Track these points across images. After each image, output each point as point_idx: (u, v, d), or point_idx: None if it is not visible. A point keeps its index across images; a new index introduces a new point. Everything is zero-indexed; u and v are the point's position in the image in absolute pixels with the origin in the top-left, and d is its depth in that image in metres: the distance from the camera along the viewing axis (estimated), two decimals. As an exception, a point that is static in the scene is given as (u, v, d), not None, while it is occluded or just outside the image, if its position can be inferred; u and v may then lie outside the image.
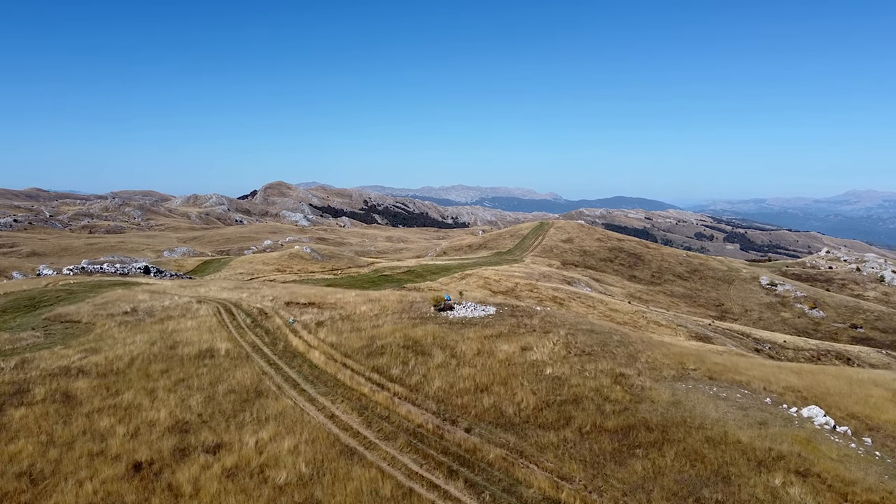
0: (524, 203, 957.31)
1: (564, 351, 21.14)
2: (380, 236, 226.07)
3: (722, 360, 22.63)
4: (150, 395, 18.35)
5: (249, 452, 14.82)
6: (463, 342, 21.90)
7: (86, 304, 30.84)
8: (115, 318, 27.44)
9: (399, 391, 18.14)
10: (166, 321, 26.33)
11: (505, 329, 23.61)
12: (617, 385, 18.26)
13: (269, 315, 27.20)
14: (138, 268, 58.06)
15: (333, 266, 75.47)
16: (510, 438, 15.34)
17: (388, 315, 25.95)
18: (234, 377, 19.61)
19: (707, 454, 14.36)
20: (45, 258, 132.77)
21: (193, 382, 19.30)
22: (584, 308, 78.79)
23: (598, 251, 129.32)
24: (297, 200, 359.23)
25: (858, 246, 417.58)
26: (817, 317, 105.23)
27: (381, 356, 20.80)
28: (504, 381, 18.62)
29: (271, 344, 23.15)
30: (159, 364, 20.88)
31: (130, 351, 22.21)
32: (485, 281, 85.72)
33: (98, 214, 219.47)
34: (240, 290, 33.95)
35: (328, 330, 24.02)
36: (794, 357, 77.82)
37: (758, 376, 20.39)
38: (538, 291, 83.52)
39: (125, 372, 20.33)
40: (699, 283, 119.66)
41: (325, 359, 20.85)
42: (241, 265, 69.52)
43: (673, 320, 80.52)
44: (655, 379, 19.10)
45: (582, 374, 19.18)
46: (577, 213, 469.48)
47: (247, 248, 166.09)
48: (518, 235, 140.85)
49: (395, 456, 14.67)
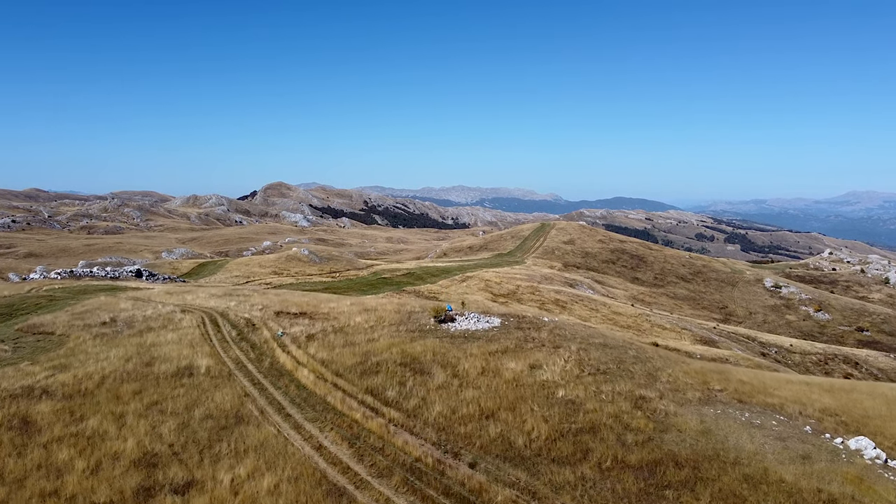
0: (524, 204, 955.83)
1: (577, 369, 19.25)
2: (380, 237, 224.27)
3: (748, 378, 20.76)
4: (118, 422, 16.46)
5: (223, 493, 12.94)
6: (466, 359, 20.01)
7: (63, 314, 28.95)
8: (91, 329, 25.54)
9: (395, 417, 16.27)
10: (145, 333, 24.43)
11: (511, 344, 21.72)
12: (638, 410, 16.37)
13: (256, 327, 25.29)
14: (130, 271, 56.20)
15: (331, 268, 73.61)
16: (521, 476, 13.46)
17: (385, 327, 24.05)
18: (213, 400, 17.72)
19: (747, 497, 12.49)
20: (43, 259, 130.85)
21: (168, 406, 17.41)
22: (586, 311, 76.97)
23: (599, 253, 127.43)
24: (297, 201, 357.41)
25: (860, 247, 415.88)
26: (823, 320, 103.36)
27: (375, 375, 18.91)
28: (512, 405, 16.75)
29: (257, 360, 21.25)
30: (132, 384, 18.99)
31: (102, 368, 20.33)
32: (486, 283, 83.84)
33: (97, 215, 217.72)
34: (229, 297, 32.07)
35: (319, 344, 22.13)
36: (801, 361, 76.01)
37: (790, 398, 18.52)
38: (540, 294, 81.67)
39: (94, 393, 18.43)
40: (702, 285, 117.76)
41: (315, 378, 18.96)
42: (238, 268, 67.66)
43: (677, 324, 78.72)
44: (680, 402, 17.22)
45: (598, 396, 17.29)
46: (578, 214, 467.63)
47: (246, 250, 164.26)
48: (519, 237, 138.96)
49: (389, 498, 12.80)
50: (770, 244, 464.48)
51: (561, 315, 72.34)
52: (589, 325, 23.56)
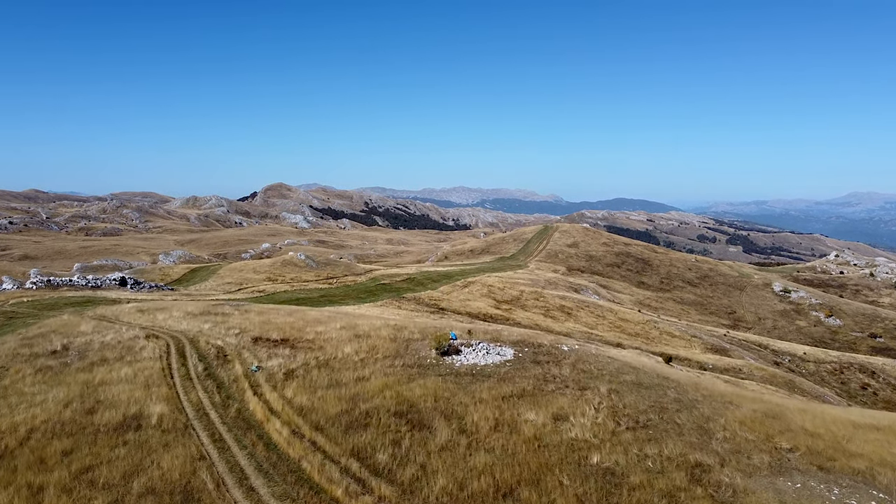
0: (525, 205, 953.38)
1: (612, 421, 15.66)
2: (380, 238, 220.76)
3: (812, 426, 17.19)
4: (33, 500, 12.90)
5: None
6: (474, 407, 16.42)
7: (12, 338, 25.34)
8: (37, 360, 21.95)
9: (387, 494, 12.70)
10: (97, 367, 20.81)
11: (528, 384, 18.12)
12: (698, 486, 12.78)
13: (228, 358, 21.66)
14: (114, 279, 52.64)
15: (329, 274, 70.00)
16: None
17: (378, 361, 20.45)
18: (159, 465, 14.13)
19: None
20: (38, 261, 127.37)
21: (101, 474, 13.82)
22: (592, 318, 73.45)
23: (604, 256, 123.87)
24: (298, 202, 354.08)
25: (862, 248, 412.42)
26: (834, 325, 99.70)
27: (364, 430, 15.31)
28: (535, 476, 13.17)
29: (222, 405, 17.64)
30: (64, 440, 15.40)
31: (34, 417, 16.75)
32: (488, 289, 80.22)
33: (95, 216, 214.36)
34: (205, 316, 28.48)
35: (298, 384, 18.51)
36: (816, 371, 72.32)
37: (876, 458, 14.97)
38: (544, 300, 78.16)
39: (13, 454, 14.84)
40: (710, 289, 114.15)
41: (289, 433, 15.37)
42: (231, 273, 64.08)
43: (686, 331, 75.11)
44: (746, 471, 13.63)
45: (643, 463, 13.71)
46: (579, 216, 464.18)
47: (244, 252, 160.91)
48: (522, 239, 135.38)
49: None
50: (772, 245, 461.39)
51: (567, 322, 68.87)
52: (614, 358, 19.99)
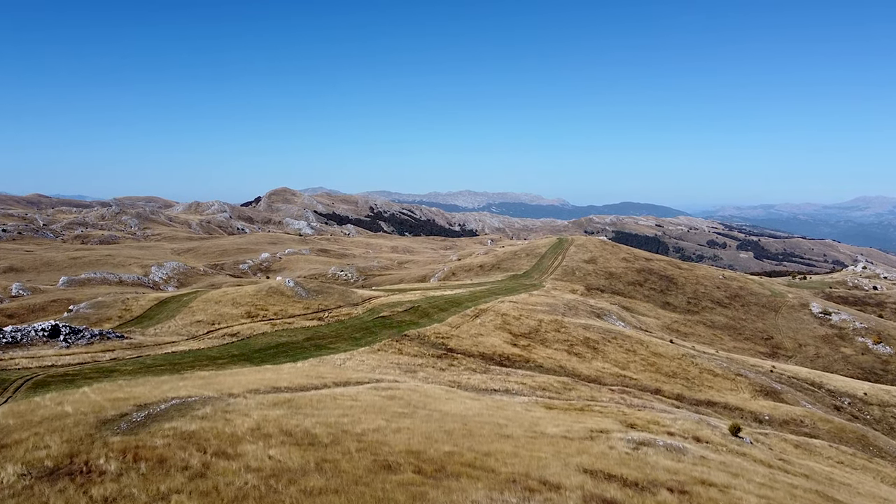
0: (531, 209, 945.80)
1: None
2: (385, 246, 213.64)
3: None
4: None
5: None
6: None
7: None
8: None
9: None
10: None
11: None
12: None
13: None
14: (42, 329, 39.51)
15: (320, 304, 62.14)
16: None
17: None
18: None
19: None
20: (23, 274, 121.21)
21: None
22: (622, 354, 65.85)
23: (624, 273, 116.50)
24: (302, 207, 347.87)
25: (875, 255, 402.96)
26: (885, 354, 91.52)
27: None
28: None
29: None
30: None
31: None
32: (503, 319, 72.49)
33: (93, 223, 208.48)
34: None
35: None
36: (883, 416, 64.34)
37: None
38: (567, 331, 70.55)
39: None
40: (742, 310, 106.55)
41: None
42: (205, 307, 56.23)
43: (729, 367, 67.43)
44: None
45: None
46: (587, 221, 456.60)
47: (242, 262, 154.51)
48: (535, 254, 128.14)
49: None
50: (784, 251, 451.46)
51: (594, 361, 61.60)
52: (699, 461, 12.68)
